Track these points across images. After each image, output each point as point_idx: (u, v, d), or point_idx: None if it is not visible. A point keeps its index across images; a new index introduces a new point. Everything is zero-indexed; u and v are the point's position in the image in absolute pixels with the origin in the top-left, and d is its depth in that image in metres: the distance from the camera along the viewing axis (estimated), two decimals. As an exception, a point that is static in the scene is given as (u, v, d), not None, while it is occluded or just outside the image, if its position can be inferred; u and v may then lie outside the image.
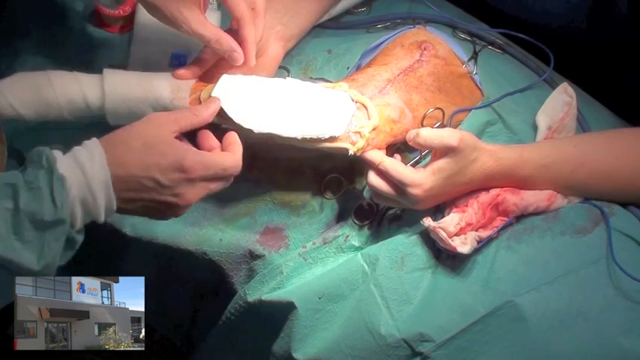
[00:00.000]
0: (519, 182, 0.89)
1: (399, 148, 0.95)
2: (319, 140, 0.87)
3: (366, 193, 0.94)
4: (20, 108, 0.88)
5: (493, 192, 0.89)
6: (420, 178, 0.85)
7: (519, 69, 1.06)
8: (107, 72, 0.90)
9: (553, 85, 1.03)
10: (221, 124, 0.87)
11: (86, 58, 1.03)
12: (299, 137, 0.86)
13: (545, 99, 1.00)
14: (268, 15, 0.94)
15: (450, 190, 0.88)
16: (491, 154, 0.87)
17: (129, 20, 1.05)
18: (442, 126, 0.95)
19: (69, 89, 0.89)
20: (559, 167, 0.89)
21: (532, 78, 1.04)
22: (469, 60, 1.02)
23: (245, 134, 0.85)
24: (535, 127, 0.98)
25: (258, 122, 0.86)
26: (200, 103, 0.89)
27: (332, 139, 0.87)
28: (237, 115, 0.86)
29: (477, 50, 1.04)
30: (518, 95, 1.01)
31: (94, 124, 0.91)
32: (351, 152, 0.88)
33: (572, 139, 0.93)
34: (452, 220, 0.86)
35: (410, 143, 0.88)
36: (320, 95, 0.90)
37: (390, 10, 1.09)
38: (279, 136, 0.86)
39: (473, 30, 1.07)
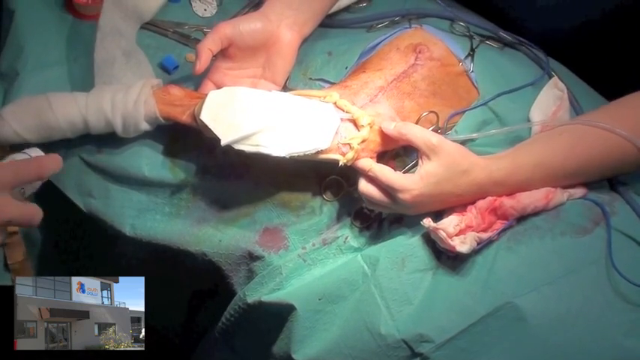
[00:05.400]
0: (516, 187, 0.89)
1: (398, 152, 0.95)
2: (307, 156, 0.88)
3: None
4: (25, 134, 0.91)
5: (490, 197, 0.89)
6: (409, 183, 0.85)
7: (517, 63, 1.06)
8: (100, 89, 0.92)
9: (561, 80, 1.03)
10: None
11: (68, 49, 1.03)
12: (287, 156, 0.87)
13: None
14: (278, 2, 0.95)
15: (443, 199, 0.87)
16: (484, 168, 0.86)
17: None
18: (437, 129, 0.95)
19: (69, 113, 0.91)
20: (551, 160, 0.88)
21: (530, 72, 1.04)
22: (466, 58, 1.02)
23: (235, 151, 0.87)
24: (531, 123, 0.98)
25: (249, 142, 0.87)
26: (195, 118, 0.90)
27: (320, 152, 0.88)
28: (227, 136, 0.87)
29: (474, 47, 1.04)
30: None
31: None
32: (341, 163, 0.89)
33: (558, 129, 0.92)
34: (451, 222, 0.86)
35: (394, 133, 0.88)
36: (304, 109, 0.91)
37: (390, 5, 1.09)
38: (268, 155, 0.87)
39: (471, 23, 1.07)
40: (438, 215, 0.90)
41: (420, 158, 0.86)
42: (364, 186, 0.88)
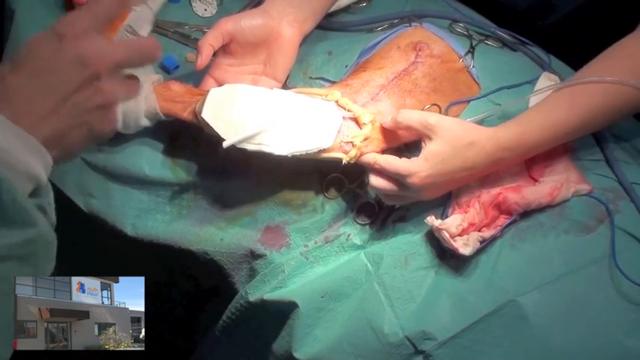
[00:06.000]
0: (526, 152, 0.89)
1: (400, 149, 0.95)
2: (309, 154, 0.88)
3: (371, 192, 0.94)
4: None
5: (494, 191, 0.89)
6: (415, 166, 0.85)
7: (517, 60, 1.07)
8: None
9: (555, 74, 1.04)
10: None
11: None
12: (289, 155, 0.87)
13: (540, 87, 1.01)
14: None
15: (453, 177, 0.87)
16: (491, 136, 0.86)
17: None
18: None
19: None
20: (555, 118, 0.88)
21: (530, 68, 1.05)
22: (466, 54, 1.02)
23: (237, 150, 0.87)
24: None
25: (251, 141, 0.87)
26: (196, 115, 0.90)
27: (322, 151, 0.88)
28: (229, 134, 0.87)
29: (473, 44, 1.04)
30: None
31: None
32: (344, 162, 0.89)
33: (555, 92, 0.92)
34: (453, 221, 0.86)
35: (391, 124, 0.88)
36: (307, 107, 0.91)
37: (390, 5, 1.10)
38: (270, 154, 0.87)
39: (470, 23, 1.08)
40: (441, 207, 0.90)
41: (423, 141, 0.86)
42: (374, 180, 0.88)
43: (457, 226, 0.86)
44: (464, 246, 0.85)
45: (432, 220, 0.86)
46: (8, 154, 0.60)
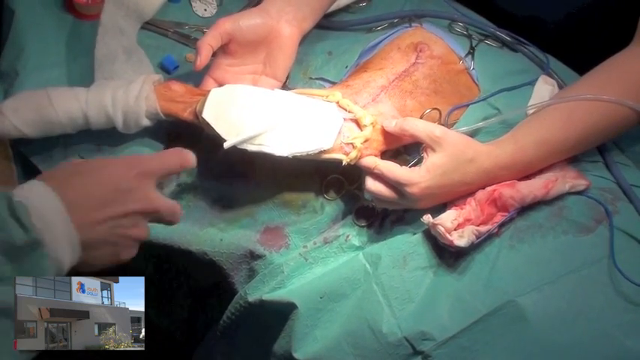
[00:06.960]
0: (523, 169, 0.89)
1: (399, 150, 0.96)
2: (310, 155, 0.88)
3: (366, 195, 0.94)
4: (24, 128, 0.90)
5: (489, 188, 0.89)
6: (416, 176, 0.85)
7: (517, 61, 1.07)
8: (100, 85, 0.91)
9: (552, 76, 1.04)
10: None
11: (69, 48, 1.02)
12: (290, 156, 0.87)
13: (539, 90, 1.01)
14: None
15: (450, 190, 0.88)
16: (488, 154, 0.87)
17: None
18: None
19: (69, 108, 0.90)
20: (552, 135, 0.89)
21: (529, 70, 1.05)
22: (466, 56, 1.02)
23: (237, 150, 0.87)
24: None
25: (252, 141, 0.87)
26: (196, 116, 0.90)
27: (323, 152, 0.88)
28: (230, 135, 0.87)
29: (473, 45, 1.04)
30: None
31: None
32: (344, 163, 0.89)
33: (552, 107, 0.92)
34: (449, 216, 0.87)
35: (396, 129, 0.89)
36: (308, 108, 0.91)
37: (390, 5, 1.10)
38: (271, 155, 0.87)
39: (470, 24, 1.08)
40: (439, 211, 0.90)
41: (425, 151, 0.87)
42: (371, 184, 0.88)
43: (452, 221, 0.86)
44: (459, 238, 0.85)
45: (427, 218, 0.86)
46: (52, 235, 0.66)
